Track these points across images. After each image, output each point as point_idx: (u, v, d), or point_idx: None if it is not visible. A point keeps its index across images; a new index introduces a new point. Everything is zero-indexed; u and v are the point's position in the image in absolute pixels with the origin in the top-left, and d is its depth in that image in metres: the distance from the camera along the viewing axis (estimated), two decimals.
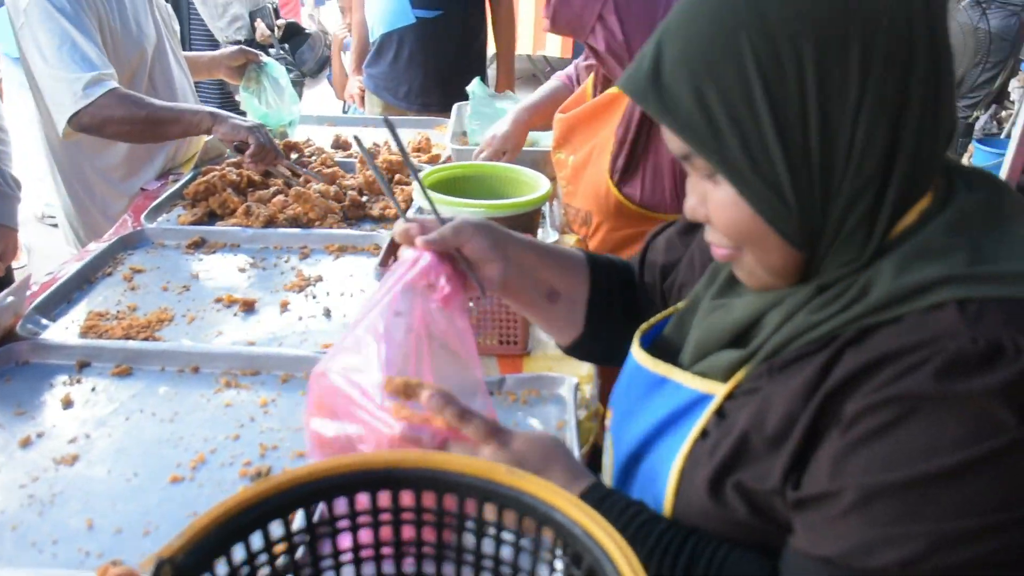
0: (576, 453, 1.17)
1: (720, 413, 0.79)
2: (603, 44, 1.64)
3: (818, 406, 0.70)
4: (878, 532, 0.65)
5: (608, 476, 0.96)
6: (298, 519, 0.69)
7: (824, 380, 0.70)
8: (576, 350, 1.15)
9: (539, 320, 1.17)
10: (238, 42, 3.73)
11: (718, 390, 0.79)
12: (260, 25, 3.76)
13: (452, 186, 1.73)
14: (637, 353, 0.93)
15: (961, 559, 0.63)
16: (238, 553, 0.66)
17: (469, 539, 0.72)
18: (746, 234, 0.75)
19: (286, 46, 4.00)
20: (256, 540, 0.67)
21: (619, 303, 1.13)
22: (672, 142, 0.76)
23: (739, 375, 0.79)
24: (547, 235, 1.88)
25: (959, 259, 0.69)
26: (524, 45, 7.35)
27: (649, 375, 0.89)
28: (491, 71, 3.53)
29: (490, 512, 0.69)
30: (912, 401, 0.65)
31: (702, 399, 0.81)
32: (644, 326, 0.98)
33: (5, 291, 1.46)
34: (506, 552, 0.71)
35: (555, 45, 7.44)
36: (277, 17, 4.04)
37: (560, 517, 0.65)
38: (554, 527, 0.65)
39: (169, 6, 2.43)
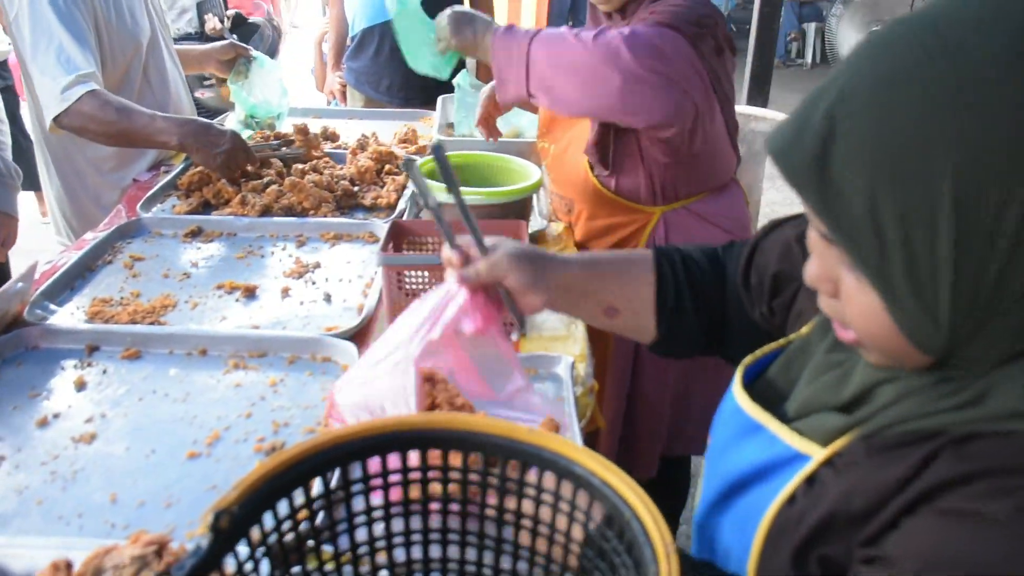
0: (575, 427, 1.23)
1: (811, 479, 0.77)
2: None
3: (909, 502, 0.68)
4: None
5: (696, 501, 0.97)
6: (335, 477, 0.75)
7: (918, 477, 0.68)
8: (660, 349, 1.15)
9: (609, 330, 1.18)
10: (188, 35, 3.76)
11: (815, 452, 0.77)
12: (211, 18, 3.76)
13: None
14: (738, 392, 0.89)
15: None
16: (283, 507, 0.71)
17: (492, 497, 0.79)
18: (879, 337, 0.70)
19: (235, 36, 4.00)
20: (298, 496, 0.72)
21: (690, 300, 1.10)
22: (817, 226, 0.70)
23: (838, 443, 0.75)
24: (536, 223, 1.94)
25: None
26: (499, 17, 7.40)
27: (747, 418, 0.86)
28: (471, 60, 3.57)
29: (513, 469, 0.76)
30: (989, 521, 0.63)
31: (797, 458, 0.79)
32: (749, 359, 0.93)
33: (13, 279, 1.49)
34: (527, 506, 0.77)
35: (531, 23, 7.50)
36: (226, 8, 4.04)
37: (579, 470, 0.71)
38: (573, 479, 0.72)
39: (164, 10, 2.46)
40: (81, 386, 1.36)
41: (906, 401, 0.72)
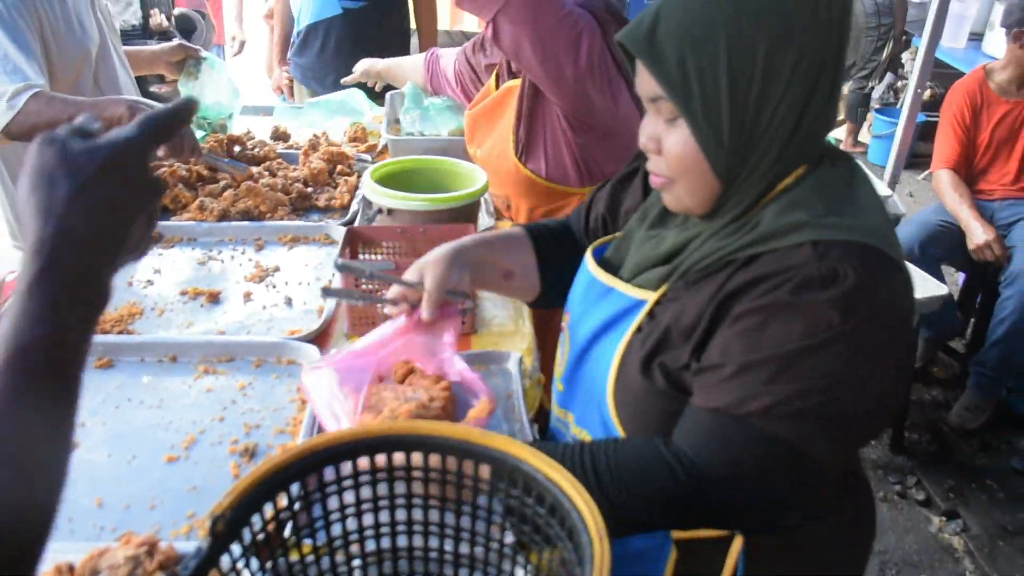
0: (524, 418, 1.35)
1: (651, 314, 1.09)
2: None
3: (715, 307, 1.00)
4: (747, 391, 0.96)
5: (561, 367, 1.28)
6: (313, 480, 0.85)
7: (721, 290, 1.00)
8: (541, 303, 1.47)
9: (505, 294, 1.56)
10: (132, 26, 3.75)
11: (650, 297, 1.10)
12: (156, 14, 3.76)
13: (397, 180, 1.88)
14: (590, 264, 1.23)
15: (796, 408, 0.95)
16: (268, 510, 0.82)
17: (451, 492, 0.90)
18: (688, 166, 1.03)
19: (176, 34, 4.00)
20: (282, 499, 0.83)
21: (563, 256, 1.42)
22: (647, 86, 1.03)
23: (665, 287, 1.09)
24: (485, 221, 2.05)
25: (816, 211, 0.99)
26: (443, 20, 7.44)
27: (599, 284, 1.19)
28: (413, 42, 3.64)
29: (468, 467, 0.87)
30: (775, 307, 0.95)
31: (638, 304, 1.11)
32: (595, 243, 1.29)
33: None
34: (482, 500, 0.88)
35: (472, 21, 7.55)
36: (173, 6, 4.05)
37: (526, 467, 0.83)
38: (521, 475, 0.83)
39: (108, 4, 2.49)
40: None
41: (705, 245, 1.05)
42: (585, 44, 1.80)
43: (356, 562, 0.92)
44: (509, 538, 0.89)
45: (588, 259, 1.25)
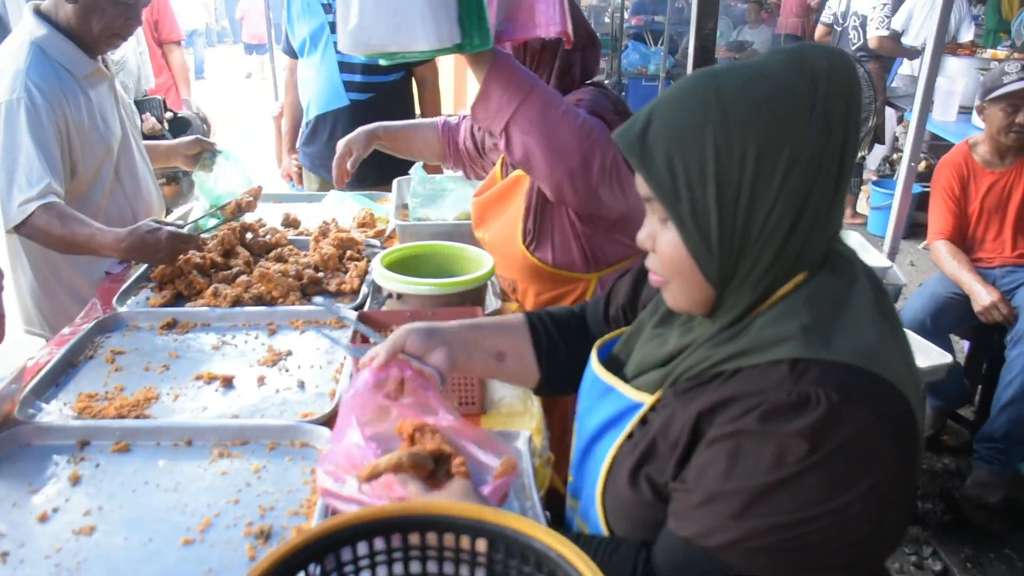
0: (535, 496, 1.37)
1: (644, 420, 1.09)
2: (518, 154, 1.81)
3: (692, 425, 0.99)
4: (713, 522, 0.95)
5: (572, 456, 1.27)
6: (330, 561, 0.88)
7: (701, 406, 0.99)
8: (544, 390, 1.47)
9: (499, 378, 1.55)
10: None
11: (646, 400, 1.09)
12: (149, 119, 3.88)
13: (405, 264, 1.94)
14: (594, 363, 1.23)
15: (761, 544, 0.93)
16: None
17: (465, 570, 0.92)
18: (678, 269, 1.02)
19: (169, 136, 4.10)
20: None
21: (564, 344, 1.43)
22: (641, 187, 1.03)
23: (659, 392, 1.08)
24: (492, 303, 2.10)
25: (803, 324, 0.96)
26: (446, 107, 7.65)
27: (600, 383, 1.19)
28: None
29: (482, 545, 0.90)
30: (745, 434, 0.94)
31: (634, 407, 1.11)
32: (600, 341, 1.29)
33: (3, 380, 1.60)
34: None
35: None
36: (166, 109, 4.18)
37: (538, 545, 0.85)
38: (533, 553, 0.86)
39: (132, 103, 2.60)
40: (76, 480, 1.47)
41: (697, 352, 1.04)
42: (597, 159, 1.77)
43: None
44: None
45: (592, 356, 1.25)
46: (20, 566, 1.29)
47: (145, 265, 2.34)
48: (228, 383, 1.78)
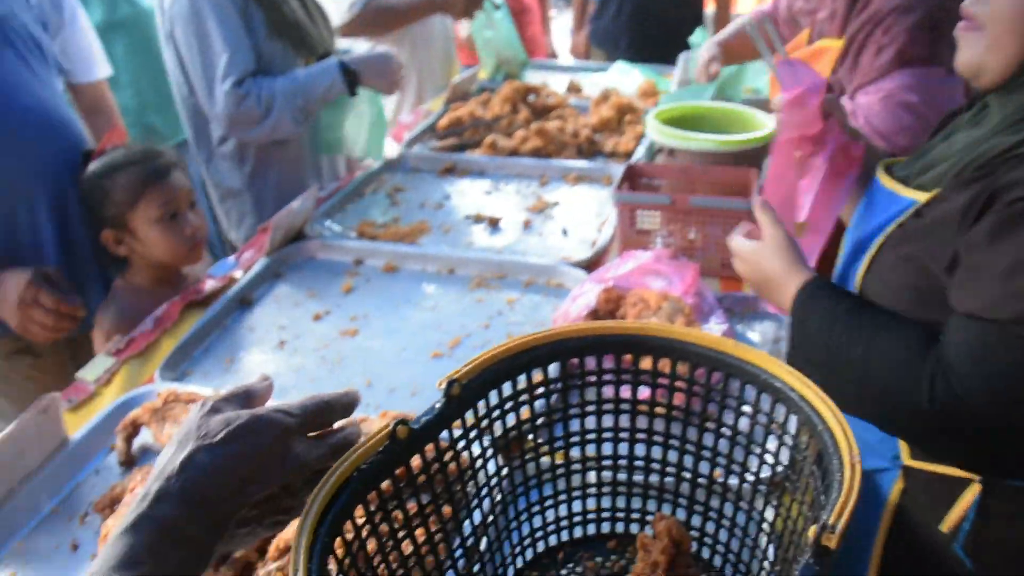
0: None
1: (918, 214, 1.01)
2: None
3: (983, 202, 0.90)
4: (1007, 291, 0.86)
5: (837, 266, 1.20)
6: (553, 369, 0.85)
7: (992, 185, 0.90)
8: None
9: None
10: None
11: (922, 197, 1.01)
12: None
13: (681, 124, 1.83)
14: (879, 172, 1.15)
15: None
16: (507, 389, 0.83)
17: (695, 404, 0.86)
18: (1010, 19, 0.92)
19: None
20: (521, 382, 0.83)
21: None
22: None
23: (939, 188, 0.99)
24: None
25: None
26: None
27: (878, 186, 1.13)
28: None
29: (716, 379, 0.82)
30: None
31: (909, 203, 1.03)
32: (885, 162, 1.19)
33: (297, 200, 1.73)
34: (728, 415, 0.83)
35: None
36: None
37: (779, 383, 0.76)
38: (772, 392, 0.77)
39: None
40: (348, 291, 1.57)
41: (989, 141, 0.95)
42: None
43: (586, 466, 0.91)
44: (766, 471, 0.83)
45: (878, 168, 1.17)
46: (294, 354, 1.40)
47: (434, 115, 2.42)
48: (495, 224, 1.81)
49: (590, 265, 1.57)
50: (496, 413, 0.83)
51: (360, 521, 0.70)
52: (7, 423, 1.10)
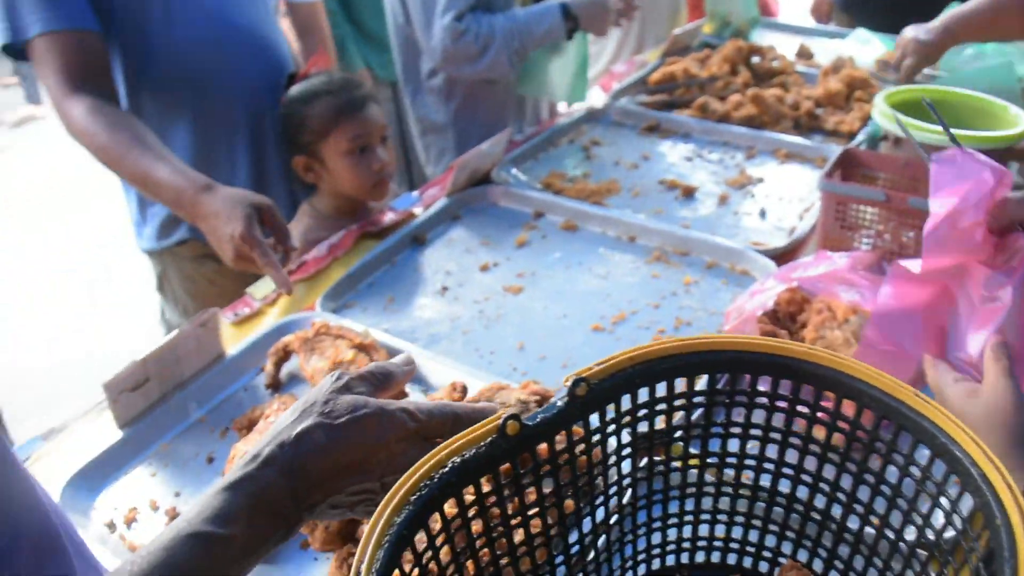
0: None
1: None
2: None
3: None
4: None
5: None
6: (701, 383, 0.76)
7: None
8: None
9: None
10: None
11: None
12: None
13: (914, 111, 1.62)
14: None
15: None
16: (642, 395, 0.75)
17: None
18: None
19: None
20: (660, 390, 0.75)
21: None
22: None
23: None
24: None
25: None
26: None
27: None
28: None
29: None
30: None
31: None
32: None
33: (487, 141, 1.69)
34: (890, 474, 0.71)
35: None
36: None
37: (958, 452, 0.64)
38: (949, 460, 0.65)
39: None
40: (522, 244, 1.53)
41: None
42: None
43: (720, 491, 0.82)
44: (910, 533, 0.71)
45: None
46: (453, 302, 1.38)
47: (647, 68, 2.30)
48: (689, 194, 1.70)
49: (782, 256, 1.43)
50: (626, 419, 0.75)
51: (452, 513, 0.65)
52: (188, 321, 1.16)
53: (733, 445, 0.79)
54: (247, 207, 1.28)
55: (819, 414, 0.74)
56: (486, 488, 0.67)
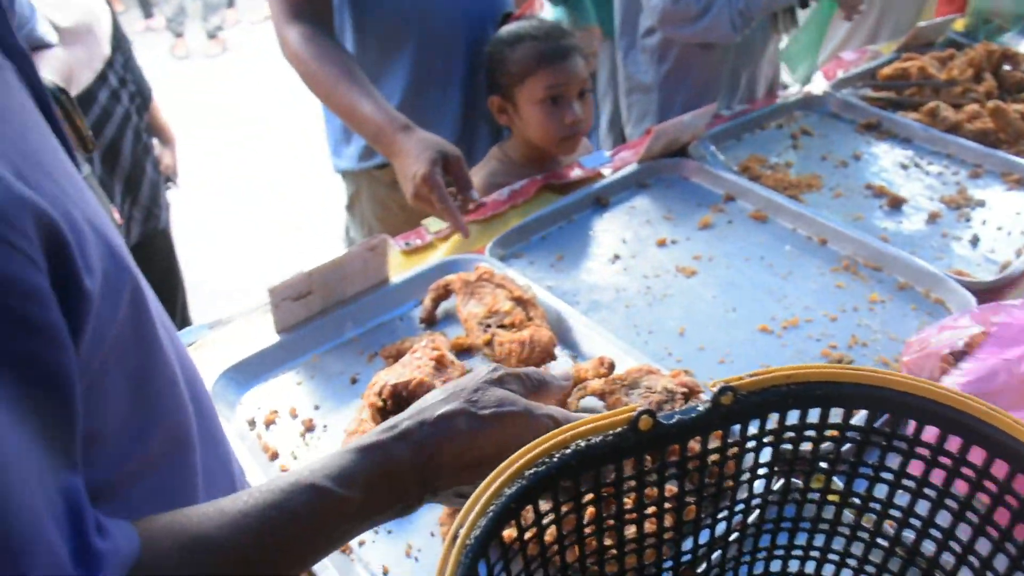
0: None
1: None
2: None
3: None
4: None
5: None
6: (859, 416, 0.70)
7: None
8: None
9: None
10: None
11: None
12: None
13: None
14: None
15: None
16: (791, 416, 0.70)
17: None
18: None
19: None
20: (812, 415, 0.70)
21: None
22: None
23: None
24: None
25: None
26: None
27: None
28: None
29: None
30: None
31: None
32: None
33: (694, 113, 1.63)
34: None
35: None
36: None
37: None
38: None
39: None
40: (705, 226, 1.47)
41: None
42: None
43: (855, 534, 0.76)
44: None
45: None
46: (622, 272, 1.36)
47: (880, 60, 2.13)
48: (896, 204, 1.57)
49: (987, 292, 1.30)
50: (769, 438, 0.71)
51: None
52: None
53: (880, 491, 0.73)
54: (436, 152, 1.34)
55: (986, 482, 0.67)
56: (608, 477, 0.65)
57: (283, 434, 1.04)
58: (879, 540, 0.75)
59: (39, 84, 0.58)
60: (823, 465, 0.73)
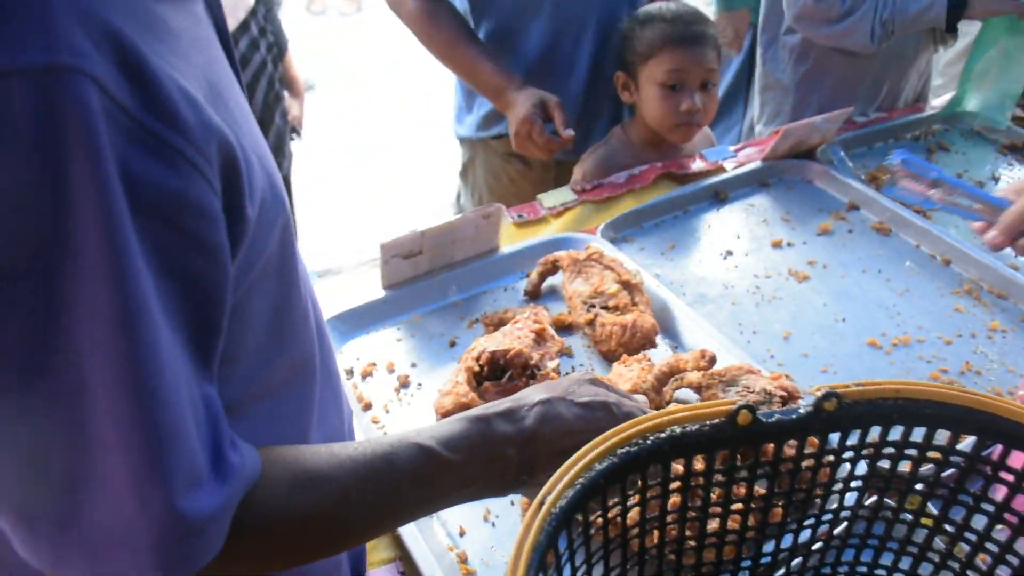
0: None
1: None
2: None
3: None
4: None
5: None
6: (967, 442, 0.68)
7: None
8: None
9: None
10: None
11: None
12: None
13: None
14: None
15: None
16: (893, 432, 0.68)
17: None
18: None
19: None
20: (916, 433, 0.68)
21: None
22: None
23: None
24: None
25: None
26: None
27: None
28: None
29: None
30: None
31: None
32: None
33: (829, 115, 1.58)
34: None
35: None
36: None
37: None
38: None
39: None
40: (824, 232, 1.44)
41: None
42: None
43: (946, 563, 0.74)
44: None
45: None
46: (732, 269, 1.35)
47: None
48: None
49: None
50: (868, 451, 0.69)
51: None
52: None
53: (978, 521, 0.71)
54: (536, 98, 1.51)
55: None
56: (698, 467, 0.65)
57: (378, 387, 1.08)
58: (969, 573, 0.72)
59: (222, 19, 0.62)
60: (920, 487, 0.71)
